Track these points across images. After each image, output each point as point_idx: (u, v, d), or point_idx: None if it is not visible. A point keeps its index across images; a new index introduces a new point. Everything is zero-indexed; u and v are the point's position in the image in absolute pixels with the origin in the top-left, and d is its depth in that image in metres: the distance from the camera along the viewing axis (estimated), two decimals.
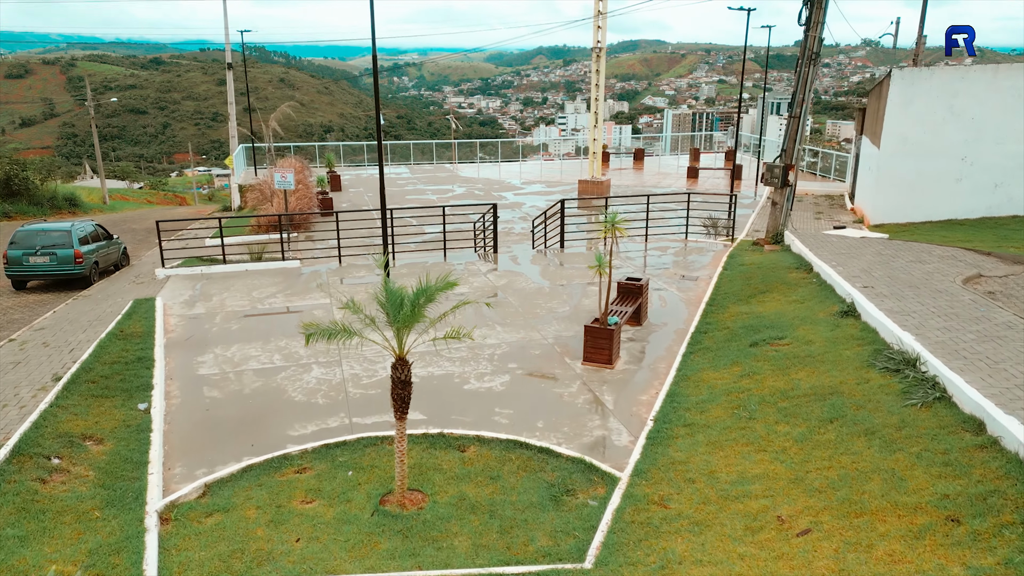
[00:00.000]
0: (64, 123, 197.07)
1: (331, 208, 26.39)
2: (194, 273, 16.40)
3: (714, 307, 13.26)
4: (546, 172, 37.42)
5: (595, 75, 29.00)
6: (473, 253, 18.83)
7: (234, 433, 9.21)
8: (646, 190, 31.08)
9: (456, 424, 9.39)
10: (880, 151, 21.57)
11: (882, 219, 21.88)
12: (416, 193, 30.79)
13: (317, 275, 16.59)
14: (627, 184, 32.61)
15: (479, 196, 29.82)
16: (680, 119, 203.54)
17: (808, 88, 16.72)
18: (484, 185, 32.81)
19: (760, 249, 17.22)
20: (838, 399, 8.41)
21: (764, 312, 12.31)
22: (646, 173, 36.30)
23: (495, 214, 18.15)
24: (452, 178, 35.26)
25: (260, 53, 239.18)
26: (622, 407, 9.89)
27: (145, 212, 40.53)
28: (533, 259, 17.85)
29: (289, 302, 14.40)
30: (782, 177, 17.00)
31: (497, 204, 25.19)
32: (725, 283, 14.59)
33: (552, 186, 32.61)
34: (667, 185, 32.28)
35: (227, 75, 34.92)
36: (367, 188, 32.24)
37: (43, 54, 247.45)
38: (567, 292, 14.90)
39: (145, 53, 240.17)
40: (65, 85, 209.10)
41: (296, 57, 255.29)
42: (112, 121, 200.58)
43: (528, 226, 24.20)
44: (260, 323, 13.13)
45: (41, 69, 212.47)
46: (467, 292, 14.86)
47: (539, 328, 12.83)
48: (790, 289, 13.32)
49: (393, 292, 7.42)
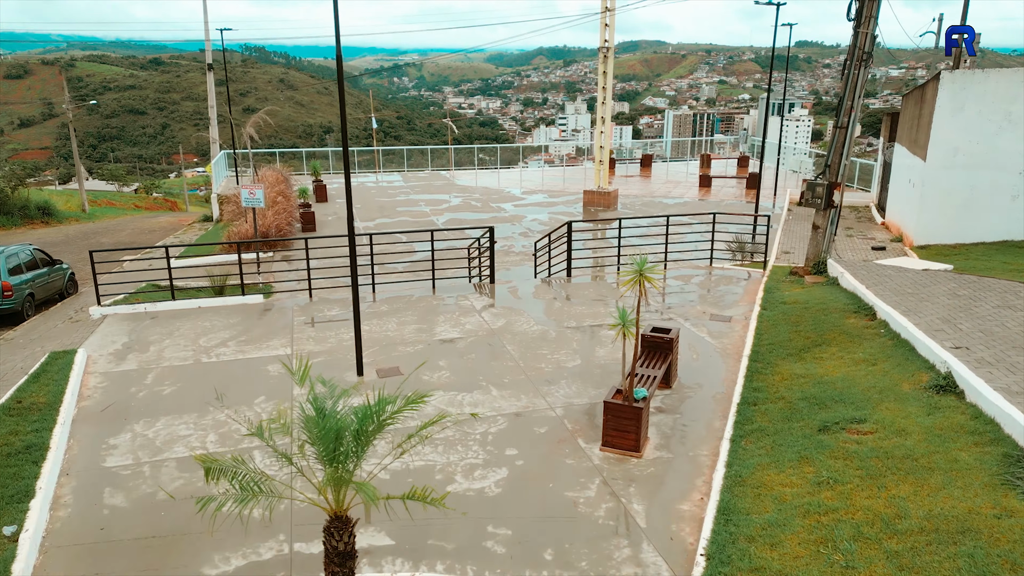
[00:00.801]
0: (63, 124, 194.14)
1: (313, 223, 23.81)
2: (136, 312, 13.79)
3: (759, 363, 10.69)
4: (548, 180, 34.85)
5: (602, 77, 26.41)
6: (467, 283, 16.29)
7: (131, 568, 6.66)
8: (656, 201, 28.53)
9: (434, 555, 6.84)
10: (925, 163, 18.99)
11: (927, 239, 19.30)
12: (408, 204, 28.20)
13: (283, 312, 14.00)
14: (635, 194, 30.04)
15: (476, 208, 27.26)
16: (681, 120, 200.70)
17: (858, 94, 14.14)
18: (482, 195, 30.24)
19: (800, 281, 14.66)
20: (975, 545, 5.84)
21: (827, 376, 9.75)
22: (654, 181, 33.73)
23: (492, 239, 15.57)
24: (448, 186, 32.67)
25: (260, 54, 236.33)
26: (658, 524, 7.32)
27: (125, 221, 37.96)
28: (536, 291, 15.28)
29: (242, 351, 11.83)
30: (826, 197, 14.44)
31: (494, 226, 22.73)
32: (767, 328, 12.03)
33: (555, 196, 30.04)
34: (679, 195, 29.72)
35: (207, 77, 32.41)
36: (357, 198, 29.67)
37: (43, 54, 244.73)
38: (577, 338, 12.35)
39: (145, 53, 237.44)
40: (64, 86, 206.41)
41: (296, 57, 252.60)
42: (111, 122, 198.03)
43: (530, 244, 21.66)
44: (201, 383, 10.58)
45: (40, 69, 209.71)
46: (456, 338, 12.32)
47: (544, 392, 10.27)
48: (853, 342, 10.76)
49: (325, 423, 4.84)
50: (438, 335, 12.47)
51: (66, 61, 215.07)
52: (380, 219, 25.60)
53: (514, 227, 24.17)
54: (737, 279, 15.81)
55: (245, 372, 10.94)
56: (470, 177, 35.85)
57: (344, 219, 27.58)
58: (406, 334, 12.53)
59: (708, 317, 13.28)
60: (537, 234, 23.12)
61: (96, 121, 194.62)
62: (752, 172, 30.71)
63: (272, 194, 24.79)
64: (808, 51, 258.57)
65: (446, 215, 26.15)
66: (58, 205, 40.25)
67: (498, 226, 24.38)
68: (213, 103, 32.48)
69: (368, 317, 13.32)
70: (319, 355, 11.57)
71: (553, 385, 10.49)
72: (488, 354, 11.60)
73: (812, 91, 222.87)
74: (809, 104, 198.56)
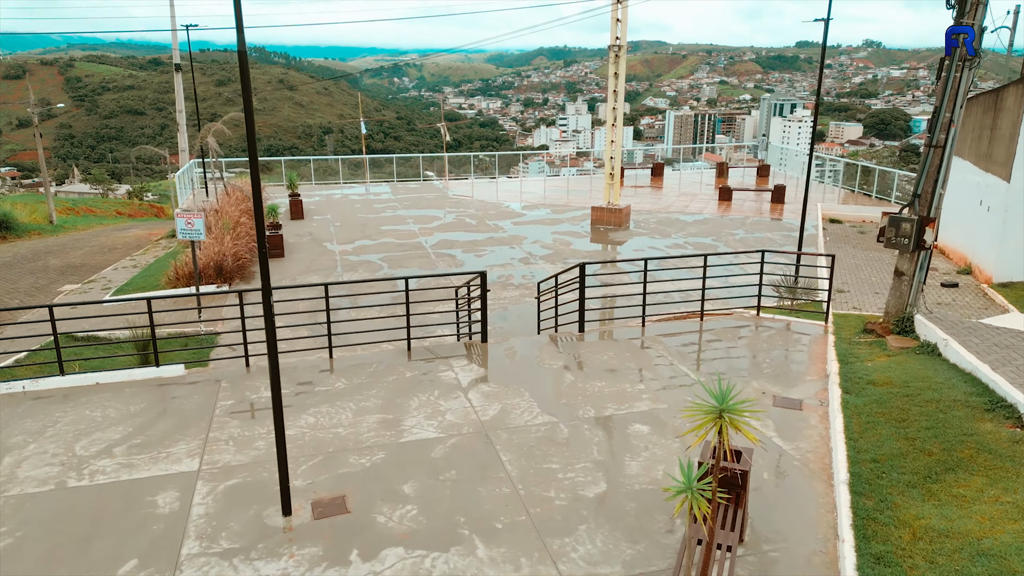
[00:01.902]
0: (61, 124, 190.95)
1: (281, 247, 20.34)
2: (13, 392, 10.35)
3: (867, 497, 7.19)
4: (551, 192, 31.39)
5: (612, 79, 22.94)
6: (454, 341, 12.83)
7: None
8: (673, 218, 25.05)
9: None
10: (1009, 185, 15.54)
11: (1010, 275, 15.85)
12: (395, 222, 24.72)
13: (206, 393, 10.48)
14: (648, 209, 26.57)
15: (471, 227, 23.78)
16: (682, 120, 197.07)
17: (960, 103, 10.67)
18: (478, 210, 26.77)
19: (881, 344, 11.21)
20: None
21: (986, 538, 6.29)
22: (667, 192, 30.25)
23: (483, 287, 12.07)
24: (441, 200, 29.21)
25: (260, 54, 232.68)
26: None
27: (91, 235, 34.44)
28: (540, 354, 11.76)
29: (130, 465, 8.34)
30: (915, 236, 11.00)
31: (490, 258, 19.43)
32: (861, 427, 8.57)
33: (559, 211, 26.56)
34: (697, 211, 26.25)
35: (175, 79, 28.98)
36: (338, 214, 26.20)
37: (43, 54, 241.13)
38: (598, 439, 8.89)
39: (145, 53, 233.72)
40: (63, 86, 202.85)
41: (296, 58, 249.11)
42: (110, 122, 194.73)
43: (531, 272, 18.20)
44: (52, 531, 7.16)
45: (39, 70, 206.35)
46: (432, 439, 8.86)
47: (556, 551, 6.75)
48: (1005, 467, 7.32)
49: None
50: (407, 433, 9.01)
51: (64, 61, 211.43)
52: (360, 240, 22.14)
53: (513, 251, 20.73)
54: (795, 335, 12.34)
55: (123, 507, 7.48)
56: (466, 188, 32.38)
57: (321, 240, 24.24)
58: (364, 432, 9.07)
59: (770, 400, 9.82)
60: (540, 261, 19.69)
61: (95, 121, 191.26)
62: (778, 184, 27.25)
63: (235, 214, 21.35)
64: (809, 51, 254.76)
65: (436, 235, 22.71)
66: (22, 217, 36.75)
67: (495, 250, 20.96)
68: (182, 107, 29.09)
69: (315, 401, 9.86)
70: (237, 472, 8.13)
71: (568, 536, 7.03)
72: (474, 471, 8.13)
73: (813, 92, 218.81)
74: (811, 104, 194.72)
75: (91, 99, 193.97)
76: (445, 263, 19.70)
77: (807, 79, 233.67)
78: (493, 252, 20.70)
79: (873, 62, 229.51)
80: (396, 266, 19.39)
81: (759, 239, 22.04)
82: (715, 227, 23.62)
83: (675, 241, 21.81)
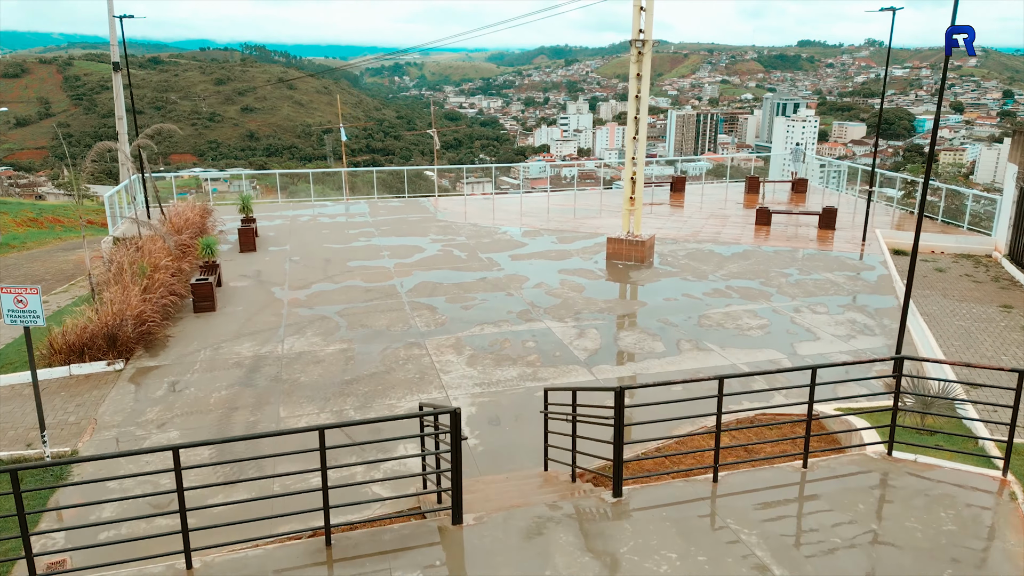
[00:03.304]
0: (59, 123, 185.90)
1: (211, 298, 15.47)
2: None
3: None
4: (556, 212, 26.46)
5: (635, 81, 18.07)
6: (409, 521, 8.07)
7: None
8: (705, 249, 20.17)
9: None
10: None
11: None
12: (367, 255, 19.85)
13: None
14: (673, 236, 21.71)
15: (459, 262, 18.93)
16: (684, 120, 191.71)
17: None
18: (470, 237, 21.90)
19: None
20: None
21: None
22: (690, 212, 25.36)
23: (456, 433, 7.18)
24: (426, 222, 24.33)
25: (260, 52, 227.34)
26: None
27: (32, 255, 29.71)
28: (548, 553, 6.96)
29: None
30: None
31: (483, 302, 14.68)
32: None
33: (566, 239, 21.66)
34: (732, 238, 21.39)
35: (114, 79, 24.15)
36: (299, 244, 21.30)
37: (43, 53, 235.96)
38: None
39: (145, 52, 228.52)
40: (61, 85, 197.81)
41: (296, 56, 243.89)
42: (108, 121, 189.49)
43: (531, 334, 13.35)
44: None
45: (38, 68, 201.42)
46: None
47: None
48: None
49: None
50: None
51: (63, 60, 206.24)
52: (319, 284, 17.30)
53: (510, 301, 15.89)
54: (962, 500, 7.57)
55: None
56: (457, 207, 27.44)
57: (270, 282, 18.45)
58: None
59: None
60: (545, 316, 14.87)
61: (92, 120, 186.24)
62: (827, 207, 22.41)
63: (160, 253, 16.52)
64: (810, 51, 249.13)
65: (415, 275, 17.87)
66: None
67: (488, 298, 16.18)
68: (122, 113, 24.23)
69: None
70: None
71: None
72: None
73: (815, 91, 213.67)
74: (814, 104, 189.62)
75: (89, 97, 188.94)
76: (422, 319, 14.88)
77: (809, 78, 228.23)
78: (485, 302, 15.86)
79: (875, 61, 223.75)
80: (357, 325, 14.56)
81: (819, 283, 17.23)
82: (759, 264, 18.81)
83: (714, 285, 17.00)
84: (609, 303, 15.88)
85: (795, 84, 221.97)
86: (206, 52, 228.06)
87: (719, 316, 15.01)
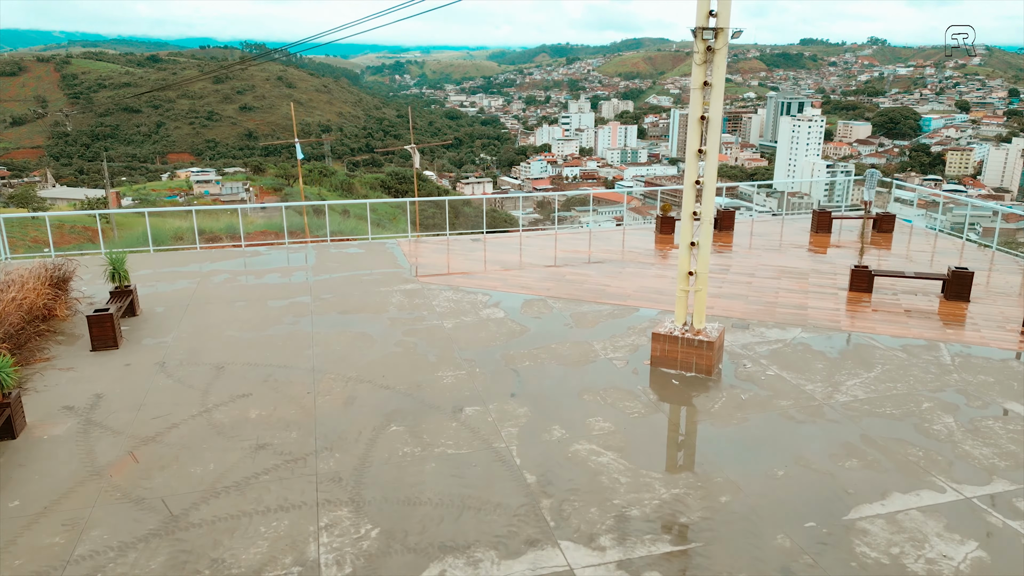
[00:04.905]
0: (56, 122, 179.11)
1: None
2: None
3: None
4: (564, 254, 19.24)
5: (698, 93, 10.85)
6: None
7: None
8: (796, 341, 12.34)
9: None
10: None
11: None
12: (282, 358, 12.43)
13: None
14: (736, 311, 14.18)
15: (423, 370, 11.46)
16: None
17: None
18: (446, 313, 14.55)
19: None
20: None
21: None
22: (746, 263, 18.08)
23: None
24: (388, 284, 16.96)
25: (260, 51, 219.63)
26: None
27: None
28: None
29: None
30: None
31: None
32: None
33: (584, 319, 14.03)
34: (828, 318, 13.87)
35: None
36: (192, 329, 13.76)
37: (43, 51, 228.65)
38: None
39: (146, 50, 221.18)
40: (59, 83, 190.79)
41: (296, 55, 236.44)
42: (105, 120, 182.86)
43: None
44: None
45: (35, 67, 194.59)
46: None
47: None
48: None
49: None
50: None
51: (61, 58, 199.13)
52: (183, 426, 10.01)
53: (498, 475, 8.21)
54: None
55: None
56: (437, 256, 20.07)
57: (100, 427, 8.91)
58: None
59: None
60: (559, 518, 7.49)
61: (89, 119, 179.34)
62: (957, 269, 15.25)
63: None
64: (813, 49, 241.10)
65: (348, 406, 10.60)
66: None
67: (461, 464, 8.43)
68: None
69: None
70: None
71: None
72: None
73: (819, 89, 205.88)
74: (818, 103, 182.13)
75: (87, 96, 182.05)
76: (337, 539, 7.81)
77: (812, 77, 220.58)
78: (452, 483, 8.64)
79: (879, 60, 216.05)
80: (205, 556, 7.50)
81: (1007, 422, 10.05)
82: (893, 376, 11.55)
83: (838, 433, 9.72)
84: (670, 485, 8.59)
85: (798, 83, 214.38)
86: (205, 50, 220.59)
87: (878, 532, 7.79)
